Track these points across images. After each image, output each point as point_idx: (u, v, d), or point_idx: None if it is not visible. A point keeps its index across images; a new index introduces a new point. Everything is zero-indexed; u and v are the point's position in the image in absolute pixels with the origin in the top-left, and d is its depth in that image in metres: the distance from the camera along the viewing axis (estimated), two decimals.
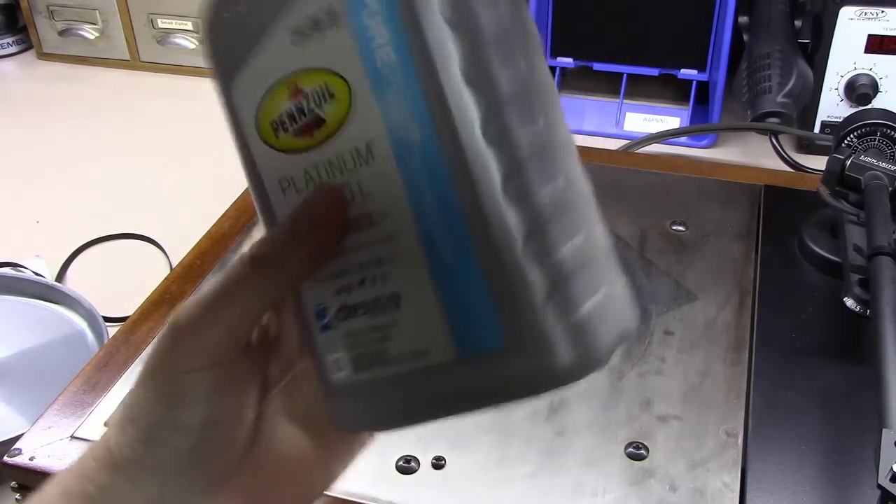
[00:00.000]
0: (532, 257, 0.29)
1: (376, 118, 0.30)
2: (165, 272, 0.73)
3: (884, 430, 0.43)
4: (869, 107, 0.89)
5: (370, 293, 0.32)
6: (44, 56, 1.22)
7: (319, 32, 0.30)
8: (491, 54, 0.29)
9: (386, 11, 0.29)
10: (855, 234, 0.61)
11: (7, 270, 0.78)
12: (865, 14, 0.87)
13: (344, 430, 0.36)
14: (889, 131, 0.80)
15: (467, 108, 0.29)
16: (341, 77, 0.31)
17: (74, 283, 0.80)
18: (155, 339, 0.35)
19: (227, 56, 0.33)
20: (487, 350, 0.30)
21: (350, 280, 0.33)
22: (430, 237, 0.30)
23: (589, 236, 0.30)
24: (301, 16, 0.31)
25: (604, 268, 0.30)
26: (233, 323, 0.33)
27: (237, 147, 0.35)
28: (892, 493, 0.40)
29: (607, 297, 0.30)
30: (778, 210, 0.72)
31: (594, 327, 0.29)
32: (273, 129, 0.33)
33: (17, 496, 0.52)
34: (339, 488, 0.49)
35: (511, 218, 0.29)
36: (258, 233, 0.38)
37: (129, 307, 0.62)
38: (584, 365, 0.29)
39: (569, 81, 1.06)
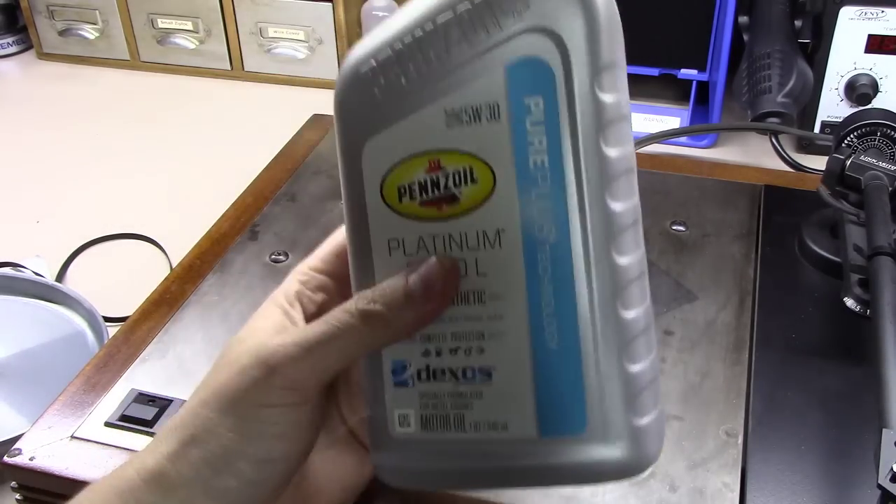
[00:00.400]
0: (625, 363, 0.33)
1: (514, 211, 0.33)
2: (165, 272, 0.73)
3: (884, 430, 0.43)
4: (869, 107, 0.89)
5: (462, 362, 0.34)
6: (44, 56, 1.22)
7: (477, 122, 0.33)
8: (625, 184, 0.33)
9: (550, 122, 0.32)
10: (855, 234, 0.61)
11: (7, 270, 0.78)
12: (865, 14, 0.87)
13: (388, 481, 0.38)
14: (889, 131, 0.80)
15: (604, 225, 0.32)
16: (488, 166, 0.33)
17: (74, 283, 0.80)
18: (236, 371, 0.35)
19: (367, 117, 0.35)
20: (568, 434, 0.33)
21: (442, 346, 0.35)
22: (541, 327, 0.33)
23: (656, 357, 0.34)
24: (463, 102, 0.33)
25: (658, 387, 0.35)
26: (328, 367, 0.35)
27: (347, 200, 0.36)
28: (892, 493, 0.40)
29: (661, 410, 0.34)
30: (778, 210, 0.72)
31: (654, 432, 0.34)
32: (399, 194, 0.34)
33: (18, 496, 0.52)
34: None
35: (618, 327, 0.32)
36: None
37: (129, 307, 0.62)
38: (643, 462, 0.33)
39: None
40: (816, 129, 0.93)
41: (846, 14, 0.87)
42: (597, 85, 0.31)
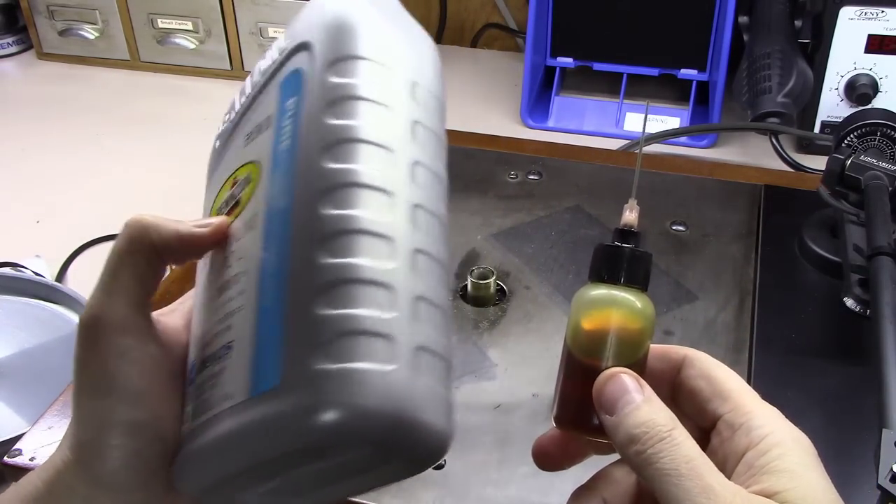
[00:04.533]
0: (318, 308, 0.31)
1: (265, 193, 0.35)
2: (165, 272, 0.73)
3: (884, 430, 0.43)
4: (869, 107, 0.89)
5: (219, 343, 0.35)
6: (44, 56, 1.22)
7: (259, 134, 0.38)
8: (344, 150, 0.34)
9: (297, 111, 0.36)
10: (855, 234, 0.61)
11: (7, 270, 0.78)
12: (865, 14, 0.87)
13: (179, 486, 0.36)
14: (889, 131, 0.80)
15: (316, 182, 0.33)
16: (258, 165, 0.37)
17: (74, 283, 0.80)
18: (75, 360, 0.36)
19: (212, 167, 0.43)
20: (268, 389, 0.31)
21: (210, 335, 0.36)
22: (264, 289, 0.33)
23: (368, 311, 0.31)
24: (254, 124, 0.38)
25: (391, 351, 0.31)
26: (129, 289, 0.37)
27: None
28: (892, 493, 0.40)
29: (385, 374, 0.31)
30: (778, 210, 0.72)
31: (347, 379, 0.30)
32: (217, 214, 0.40)
33: None
34: None
35: (315, 274, 0.31)
36: None
37: None
38: (326, 407, 0.30)
39: (569, 81, 1.06)
40: (816, 129, 0.93)
41: (846, 14, 0.87)
42: (330, 71, 0.35)
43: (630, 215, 0.36)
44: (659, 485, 0.31)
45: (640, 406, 0.32)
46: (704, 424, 0.35)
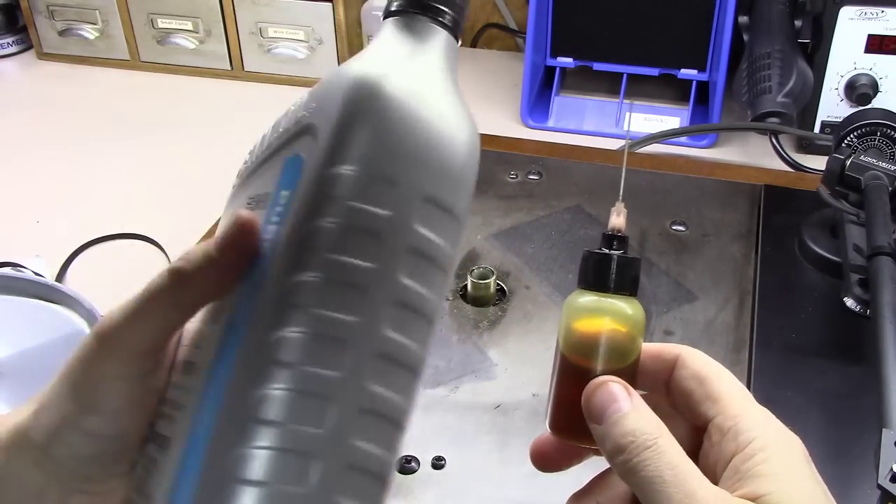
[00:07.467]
0: (233, 471, 0.29)
1: (238, 292, 0.33)
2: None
3: (884, 430, 0.43)
4: (869, 107, 0.89)
5: (164, 425, 0.34)
6: (44, 56, 1.22)
7: (256, 207, 0.34)
8: (322, 257, 0.31)
9: (283, 212, 0.32)
10: (855, 234, 0.62)
11: (7, 270, 0.78)
12: (865, 14, 0.87)
13: None
14: (889, 131, 0.80)
15: (277, 291, 0.31)
16: None
17: (74, 283, 0.80)
18: (79, 344, 0.36)
19: (227, 204, 0.40)
20: None
21: (165, 405, 0.35)
22: (203, 407, 0.32)
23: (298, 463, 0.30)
24: (256, 190, 0.36)
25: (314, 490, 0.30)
26: (149, 330, 0.35)
27: None
28: (892, 493, 0.40)
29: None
30: (778, 210, 0.72)
31: None
32: None
33: None
34: None
35: (238, 435, 0.30)
36: None
37: None
38: None
39: (569, 81, 1.06)
40: (816, 129, 0.93)
41: (846, 14, 0.87)
42: (324, 182, 0.31)
43: (617, 219, 0.35)
44: (644, 493, 0.31)
45: (626, 415, 0.32)
46: (698, 425, 0.35)
